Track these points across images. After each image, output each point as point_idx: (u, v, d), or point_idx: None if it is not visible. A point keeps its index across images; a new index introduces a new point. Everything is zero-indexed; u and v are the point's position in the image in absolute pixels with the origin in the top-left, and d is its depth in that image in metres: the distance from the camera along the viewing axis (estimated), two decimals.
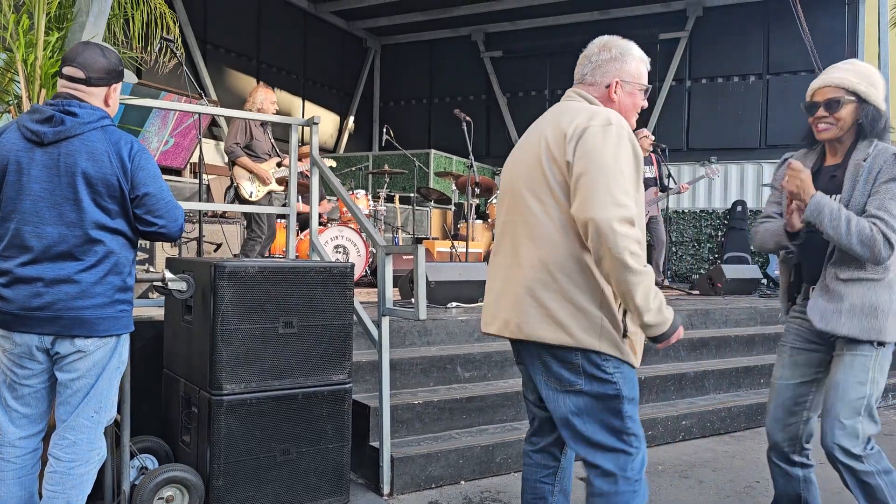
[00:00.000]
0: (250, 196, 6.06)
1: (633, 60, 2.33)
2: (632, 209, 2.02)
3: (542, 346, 2.17)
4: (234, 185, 6.10)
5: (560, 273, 2.11)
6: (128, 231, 2.50)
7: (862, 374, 2.55)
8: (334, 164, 8.44)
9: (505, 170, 2.42)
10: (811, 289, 2.69)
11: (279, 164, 6.20)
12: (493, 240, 2.70)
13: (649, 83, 2.38)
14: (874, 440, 2.62)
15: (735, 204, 11.07)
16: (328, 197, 8.05)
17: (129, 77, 2.67)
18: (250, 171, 6.03)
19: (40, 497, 2.51)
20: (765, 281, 8.99)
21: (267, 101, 6.17)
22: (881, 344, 2.56)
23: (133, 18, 3.78)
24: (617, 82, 2.31)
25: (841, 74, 2.60)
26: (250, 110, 6.15)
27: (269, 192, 6.20)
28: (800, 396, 2.74)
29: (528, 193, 2.21)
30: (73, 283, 2.38)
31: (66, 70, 2.46)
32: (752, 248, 10.80)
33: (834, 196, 2.59)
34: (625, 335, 2.16)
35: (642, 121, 8.13)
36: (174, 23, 4.26)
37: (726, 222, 11.22)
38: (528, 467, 2.47)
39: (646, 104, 2.41)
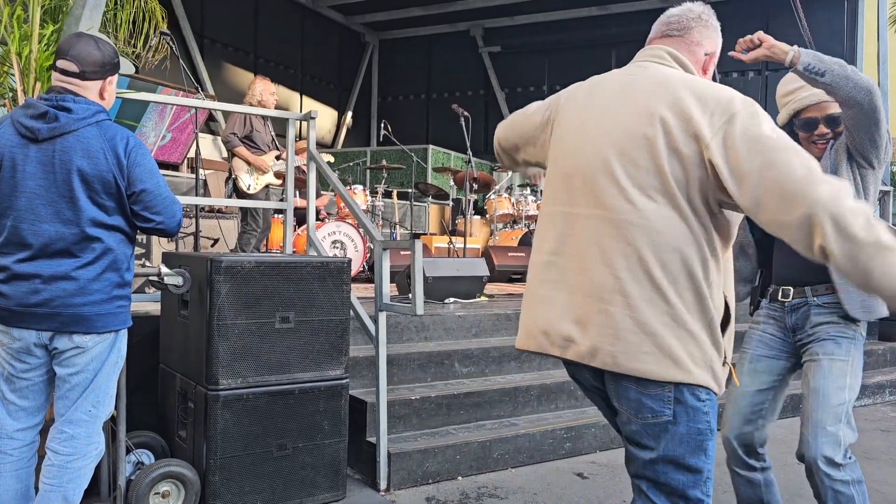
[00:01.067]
0: (248, 189, 6.04)
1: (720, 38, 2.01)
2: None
3: (622, 375, 1.75)
4: (233, 176, 6.09)
5: (671, 289, 1.70)
6: (125, 227, 2.48)
7: (840, 380, 2.46)
8: (332, 160, 8.43)
9: (562, 141, 1.93)
10: (778, 291, 2.62)
11: (278, 158, 6.19)
12: (489, 228, 2.35)
13: None
14: (850, 448, 2.52)
15: None
16: (324, 192, 8.04)
17: (127, 67, 2.62)
18: (248, 162, 6.01)
19: (37, 491, 2.51)
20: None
21: (266, 93, 6.16)
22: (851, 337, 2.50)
23: (119, 11, 3.75)
24: (714, 54, 1.97)
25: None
26: (250, 103, 6.14)
27: (267, 186, 6.19)
28: (757, 404, 2.64)
29: (629, 184, 1.73)
30: (70, 279, 2.36)
31: (60, 63, 2.43)
32: None
33: None
34: (724, 362, 1.82)
35: None
36: (163, 18, 4.23)
37: None
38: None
39: None
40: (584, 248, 1.80)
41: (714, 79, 2.01)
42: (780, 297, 2.63)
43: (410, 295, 3.38)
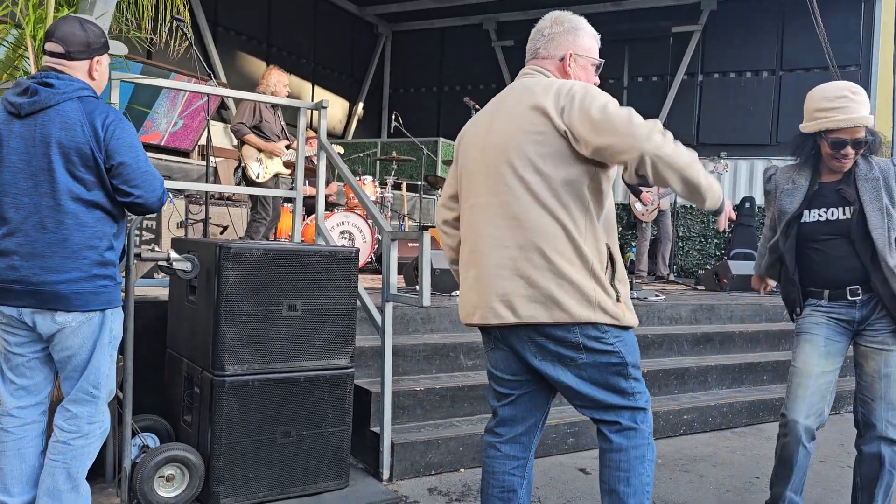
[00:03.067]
0: (257, 177, 6.05)
1: (585, 35, 2.35)
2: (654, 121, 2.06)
3: (533, 328, 2.14)
4: (242, 165, 6.10)
5: (549, 249, 2.09)
6: (106, 203, 2.46)
7: None
8: (342, 151, 8.44)
9: (465, 151, 2.37)
10: (844, 291, 2.87)
11: (288, 147, 6.19)
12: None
13: (658, 75, 2.39)
14: None
15: (744, 200, 11.02)
16: (336, 182, 8.04)
17: (118, 48, 2.60)
18: (259, 149, 6.02)
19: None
20: None
21: (280, 84, 6.15)
22: None
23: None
24: (570, 54, 2.31)
25: (864, 113, 2.79)
26: (263, 93, 6.14)
27: (276, 175, 6.20)
28: (830, 383, 2.91)
29: (508, 172, 2.17)
30: (45, 257, 2.37)
31: (47, 45, 2.48)
32: (758, 244, 10.75)
33: (847, 209, 2.84)
34: (618, 300, 2.16)
35: (653, 114, 8.06)
36: (184, 5, 4.24)
37: (734, 218, 11.17)
38: (494, 460, 2.37)
39: (597, 81, 2.41)
40: (482, 229, 2.22)
41: (598, 68, 2.40)
42: (848, 297, 2.87)
43: (417, 286, 3.38)
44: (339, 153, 5.91)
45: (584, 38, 2.34)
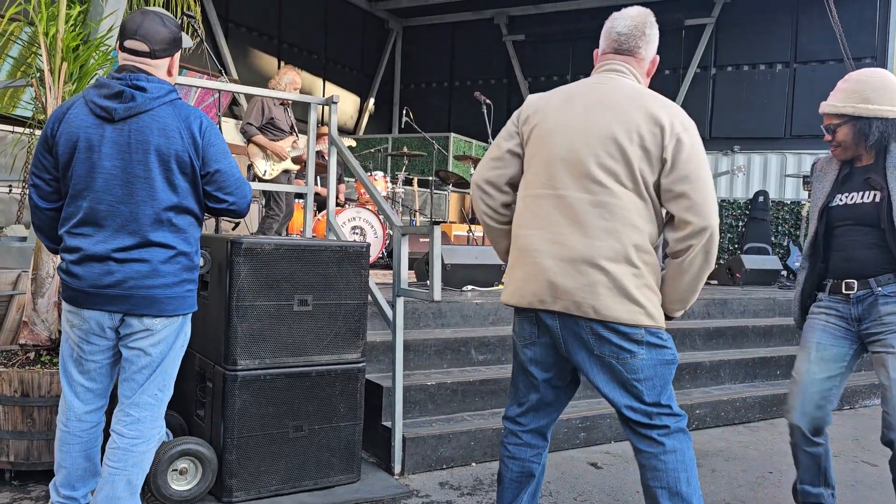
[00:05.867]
0: (264, 174, 6.07)
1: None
2: None
3: (601, 322, 2.19)
4: (249, 163, 6.13)
5: (639, 256, 2.18)
6: (196, 209, 2.45)
7: None
8: (353, 144, 8.43)
9: (549, 137, 2.27)
10: (840, 284, 2.73)
11: (294, 145, 6.20)
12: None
13: (671, 68, 2.42)
14: None
15: (757, 194, 10.94)
16: (347, 179, 8.05)
17: (186, 41, 2.59)
18: (265, 149, 6.04)
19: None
20: (784, 273, 8.88)
21: (290, 87, 6.16)
22: None
23: None
24: (654, 62, 2.38)
25: (829, 101, 2.75)
26: (274, 88, 6.15)
27: (286, 171, 6.21)
28: (826, 390, 2.76)
29: (602, 173, 2.18)
30: (143, 261, 2.34)
31: (129, 43, 2.36)
32: (772, 238, 10.68)
33: (868, 194, 2.71)
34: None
35: None
36: (195, 2, 4.26)
37: (747, 212, 11.10)
38: (516, 447, 2.46)
39: None
40: (562, 220, 2.22)
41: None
42: (843, 290, 2.73)
43: (428, 281, 3.38)
44: (349, 146, 5.88)
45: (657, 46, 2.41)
